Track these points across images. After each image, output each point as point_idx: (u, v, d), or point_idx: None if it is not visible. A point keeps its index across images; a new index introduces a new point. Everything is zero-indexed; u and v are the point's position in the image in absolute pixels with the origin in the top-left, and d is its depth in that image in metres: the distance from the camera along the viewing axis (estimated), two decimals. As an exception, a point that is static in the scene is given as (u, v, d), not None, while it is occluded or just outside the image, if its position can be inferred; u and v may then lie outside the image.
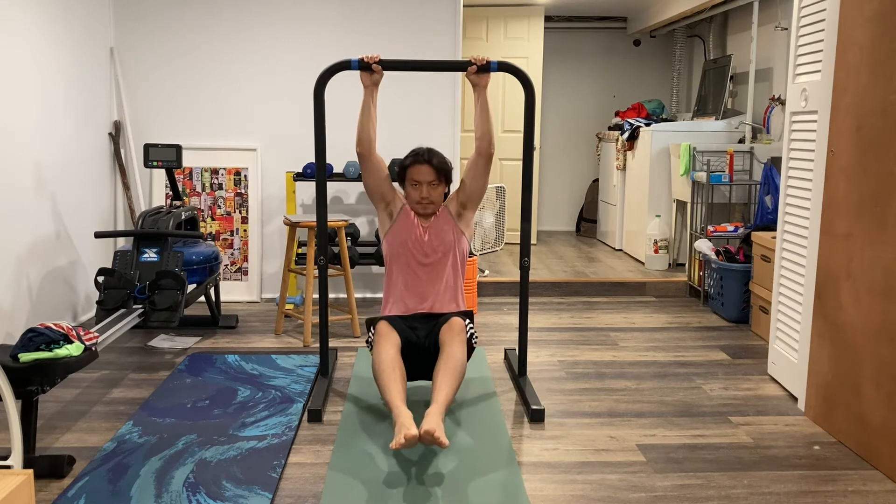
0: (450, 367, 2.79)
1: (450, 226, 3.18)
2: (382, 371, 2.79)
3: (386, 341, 2.91)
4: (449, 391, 2.72)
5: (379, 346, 2.90)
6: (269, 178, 5.01)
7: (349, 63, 3.12)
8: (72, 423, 2.97)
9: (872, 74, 2.71)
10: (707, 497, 2.44)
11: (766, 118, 5.39)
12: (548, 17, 7.13)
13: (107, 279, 3.59)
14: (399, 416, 2.54)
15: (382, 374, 2.78)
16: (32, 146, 3.89)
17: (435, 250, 3.15)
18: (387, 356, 2.84)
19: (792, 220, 3.39)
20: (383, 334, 2.94)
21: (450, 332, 2.94)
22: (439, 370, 2.80)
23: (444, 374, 2.77)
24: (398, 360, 2.85)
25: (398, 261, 3.17)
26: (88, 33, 4.52)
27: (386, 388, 2.73)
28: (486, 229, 5.46)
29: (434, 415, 2.55)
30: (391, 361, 2.82)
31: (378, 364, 2.83)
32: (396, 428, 2.50)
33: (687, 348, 4.03)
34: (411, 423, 2.48)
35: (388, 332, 2.96)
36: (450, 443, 2.78)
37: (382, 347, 2.88)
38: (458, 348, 2.87)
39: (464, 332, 2.96)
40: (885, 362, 2.62)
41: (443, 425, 2.53)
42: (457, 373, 2.79)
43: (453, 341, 2.89)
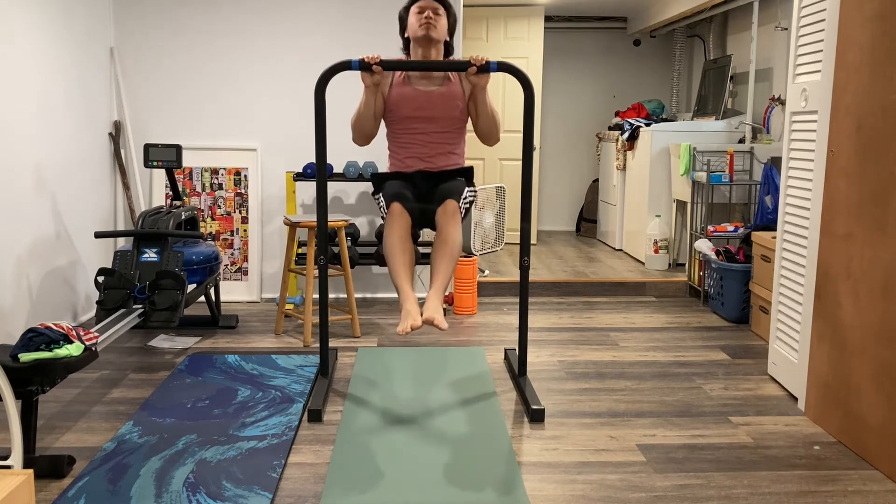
0: (445, 251, 2.95)
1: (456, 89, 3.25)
2: (392, 254, 2.94)
3: (397, 223, 3.03)
4: (446, 274, 2.91)
5: (390, 228, 3.02)
6: (269, 178, 5.01)
7: (350, 63, 3.12)
8: (72, 423, 2.97)
9: (872, 74, 2.71)
10: (707, 497, 2.44)
11: (766, 118, 5.39)
12: (548, 17, 7.13)
13: (107, 279, 3.59)
14: (405, 301, 2.77)
15: (392, 256, 2.94)
16: (32, 146, 3.89)
17: (432, 105, 3.22)
18: (397, 238, 2.98)
19: (792, 220, 3.39)
20: (394, 215, 3.05)
21: (444, 216, 3.05)
22: (436, 255, 2.96)
23: (441, 259, 2.94)
24: (408, 243, 3.00)
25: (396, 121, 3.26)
26: (88, 33, 4.52)
27: (394, 271, 2.91)
28: (486, 229, 5.46)
29: (433, 300, 2.78)
30: (400, 244, 2.97)
31: (388, 247, 2.97)
32: (403, 314, 2.73)
33: (687, 348, 4.03)
34: (416, 312, 2.71)
35: (399, 212, 3.07)
36: (450, 448, 2.79)
37: (393, 230, 3.00)
38: (454, 231, 3.00)
39: (458, 213, 3.07)
40: (885, 362, 2.62)
41: (441, 310, 2.76)
42: (453, 256, 2.96)
43: (447, 224, 3.02)
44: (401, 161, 3.30)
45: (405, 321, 2.69)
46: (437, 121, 3.23)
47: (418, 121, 3.23)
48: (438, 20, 3.21)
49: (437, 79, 3.26)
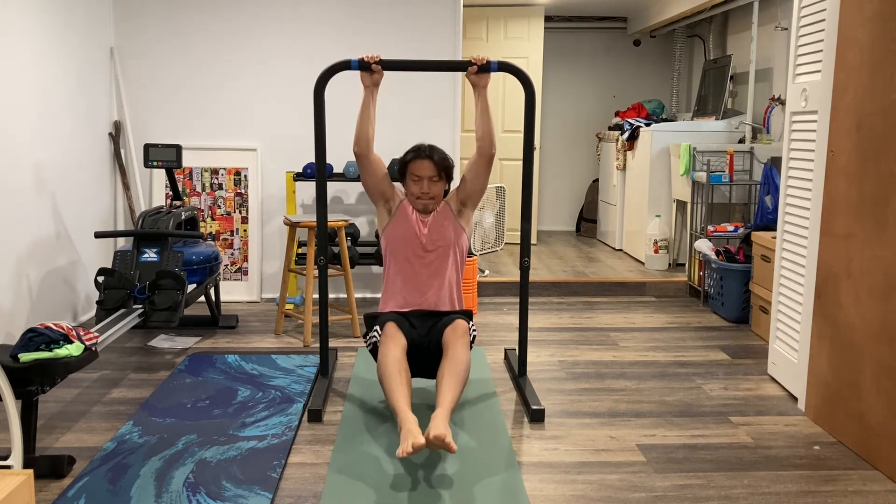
0: (454, 370, 2.77)
1: (449, 221, 3.18)
2: (389, 375, 2.74)
3: (393, 343, 2.87)
4: (454, 394, 2.69)
5: (385, 348, 2.85)
6: (269, 178, 5.01)
7: (349, 63, 3.12)
8: (72, 423, 2.97)
9: (872, 74, 2.71)
10: (707, 497, 2.44)
11: (766, 118, 5.39)
12: (548, 17, 7.13)
13: (107, 279, 3.59)
14: (405, 423, 2.49)
15: (389, 377, 2.74)
16: (32, 146, 3.89)
17: (434, 245, 3.14)
18: (393, 359, 2.79)
19: (792, 220, 3.39)
20: (390, 335, 2.91)
21: (454, 334, 2.92)
22: (444, 373, 2.76)
23: (450, 378, 2.74)
24: (404, 364, 2.81)
25: (397, 255, 3.16)
26: (88, 33, 4.52)
27: (391, 393, 2.68)
28: (486, 229, 5.46)
29: (441, 419, 2.50)
30: (397, 364, 2.78)
31: (384, 367, 2.79)
32: (402, 435, 2.45)
33: (687, 348, 4.03)
34: (418, 431, 2.43)
35: (395, 333, 2.93)
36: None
37: (389, 350, 2.84)
38: (463, 350, 2.84)
39: (467, 335, 2.94)
40: (885, 362, 2.62)
41: (450, 429, 2.48)
42: (462, 376, 2.77)
43: (457, 343, 2.87)
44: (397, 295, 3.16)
45: (406, 441, 2.37)
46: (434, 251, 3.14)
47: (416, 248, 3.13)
48: (435, 188, 3.14)
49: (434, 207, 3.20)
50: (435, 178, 3.14)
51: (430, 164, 3.13)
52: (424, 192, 3.13)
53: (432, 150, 3.16)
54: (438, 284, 3.15)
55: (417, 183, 3.14)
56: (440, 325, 3.03)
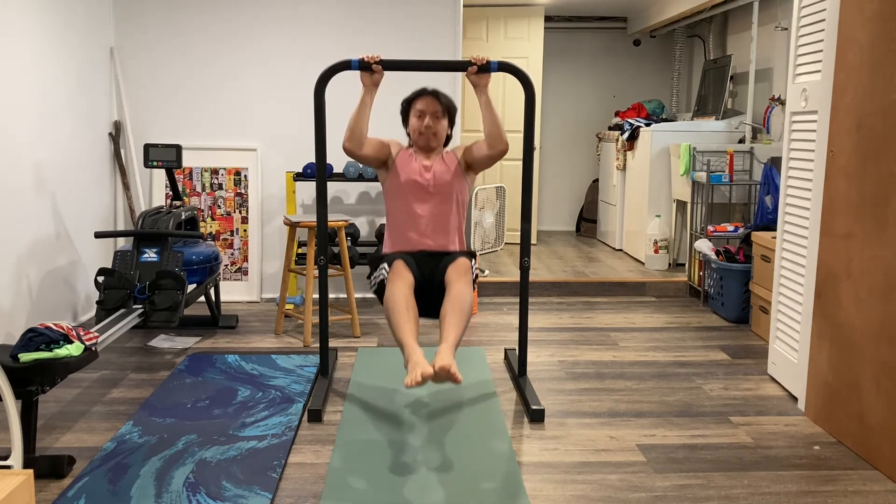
0: (458, 307, 2.82)
1: (453, 167, 3.21)
2: (397, 310, 2.79)
3: (401, 280, 2.92)
4: (458, 330, 2.73)
5: (393, 285, 2.90)
6: (269, 178, 5.01)
7: (349, 63, 3.12)
8: (72, 423, 2.97)
9: (872, 74, 2.71)
10: (707, 497, 2.44)
11: (766, 118, 5.39)
12: (548, 17, 7.13)
13: (107, 279, 3.59)
14: (412, 355, 2.55)
15: (396, 312, 2.78)
16: (32, 146, 3.89)
17: (436, 187, 3.17)
18: (401, 295, 2.84)
19: (792, 220, 3.39)
20: (398, 273, 2.95)
21: (456, 272, 2.97)
22: (448, 310, 2.82)
23: (453, 315, 2.79)
24: (411, 300, 2.86)
25: (399, 199, 3.20)
26: (88, 33, 4.52)
27: (399, 328, 2.73)
28: (486, 229, 5.46)
29: (446, 351, 2.55)
30: (405, 300, 2.83)
31: (392, 303, 2.83)
32: (410, 366, 2.50)
33: (687, 348, 4.03)
34: (425, 362, 2.47)
35: (403, 270, 2.97)
36: (450, 449, 2.79)
37: (396, 286, 2.89)
38: (465, 288, 2.90)
39: (470, 272, 3.00)
40: (885, 362, 2.62)
41: (455, 362, 2.50)
42: (465, 312, 2.82)
43: (460, 280, 2.92)
44: (399, 237, 3.20)
45: (414, 371, 2.42)
46: (436, 194, 3.17)
47: (417, 190, 3.17)
48: (438, 125, 3.18)
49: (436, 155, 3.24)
50: (439, 113, 3.18)
51: (435, 101, 3.18)
52: (428, 125, 3.16)
53: (436, 91, 3.21)
54: (440, 227, 3.19)
55: (420, 118, 3.18)
56: (443, 264, 3.07)
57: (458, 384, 2.49)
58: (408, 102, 3.25)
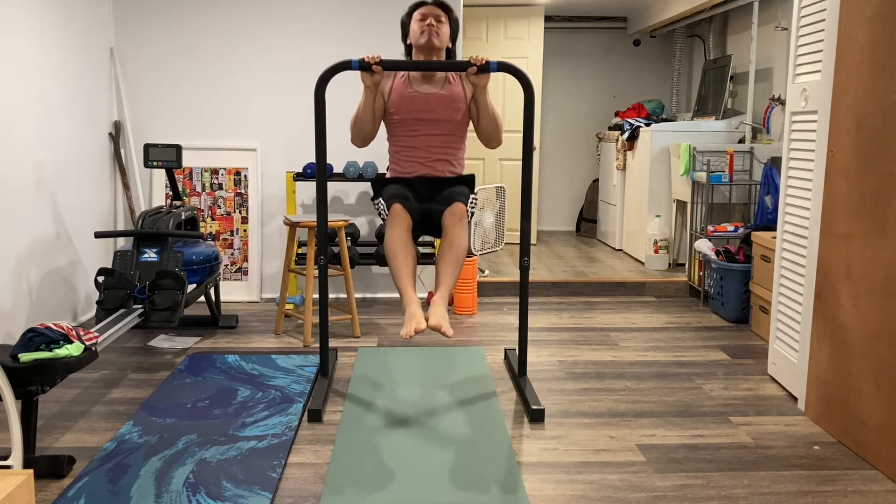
0: (452, 256, 2.93)
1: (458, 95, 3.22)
2: (395, 255, 2.90)
3: (398, 224, 3.00)
4: (452, 279, 2.88)
5: (391, 230, 2.98)
6: (269, 178, 5.01)
7: (350, 63, 3.12)
8: (72, 423, 2.97)
9: (872, 74, 2.71)
10: (707, 497, 2.44)
11: (766, 118, 5.39)
12: (548, 17, 7.13)
13: (107, 279, 3.59)
14: (409, 305, 2.72)
15: (394, 258, 2.90)
16: (32, 146, 3.89)
17: (437, 113, 3.20)
18: (399, 240, 2.94)
19: (792, 220, 3.39)
20: (395, 217, 3.03)
21: (451, 218, 3.03)
22: (442, 258, 2.93)
23: (446, 264, 2.91)
24: (410, 245, 2.96)
25: (399, 128, 3.24)
26: (88, 33, 4.52)
27: (396, 274, 2.87)
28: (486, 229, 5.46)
29: (438, 304, 2.74)
30: (403, 245, 2.93)
31: (390, 248, 2.93)
32: (406, 317, 2.68)
33: (687, 348, 4.03)
34: (420, 315, 2.66)
35: (401, 214, 3.04)
36: (450, 449, 2.79)
37: (394, 231, 2.97)
38: (460, 234, 2.98)
39: (465, 216, 3.06)
40: (885, 362, 2.62)
41: (447, 316, 2.75)
42: (459, 260, 2.93)
43: (454, 228, 2.99)
44: (401, 166, 3.28)
45: (409, 324, 2.64)
46: (438, 123, 3.21)
47: (419, 123, 3.21)
48: (440, 27, 3.21)
49: (439, 81, 3.25)
50: (441, 16, 3.21)
51: (437, 7, 3.22)
52: (430, 23, 3.18)
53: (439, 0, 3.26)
54: (441, 154, 3.24)
55: (422, 20, 3.20)
56: (442, 196, 3.14)
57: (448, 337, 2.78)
58: (407, 15, 3.27)
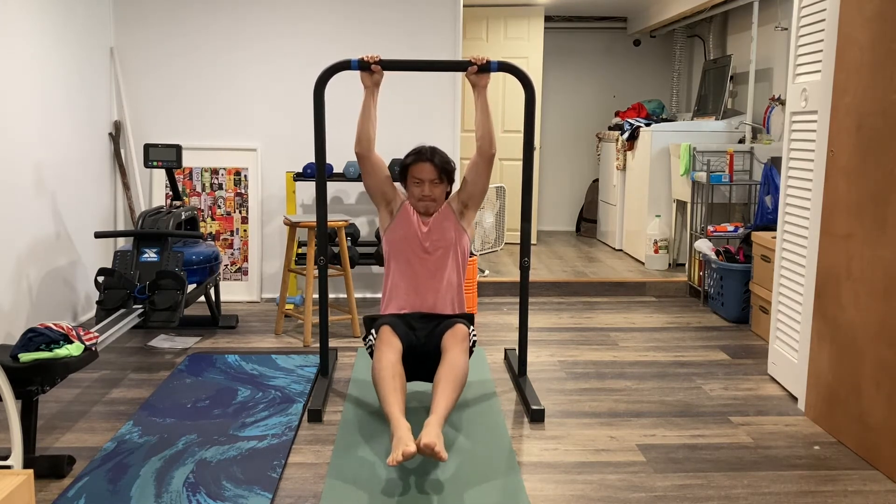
0: (451, 376, 2.74)
1: (451, 223, 3.16)
2: (383, 379, 2.73)
3: (388, 347, 2.85)
4: (450, 401, 2.66)
5: (380, 353, 2.84)
6: (269, 178, 5.01)
7: (349, 63, 3.12)
8: (72, 423, 2.97)
9: (872, 74, 2.71)
10: (707, 497, 2.44)
11: (766, 118, 5.39)
12: (548, 17, 7.13)
13: (107, 279, 3.59)
14: (397, 430, 2.47)
15: (383, 381, 2.72)
16: (32, 146, 3.89)
17: (435, 246, 3.13)
18: (388, 363, 2.78)
19: (792, 220, 3.39)
20: (385, 340, 2.89)
21: (453, 339, 2.90)
22: (441, 379, 2.74)
23: (446, 384, 2.71)
24: (399, 368, 2.79)
25: (398, 257, 3.15)
26: (88, 33, 4.52)
27: (385, 399, 2.67)
28: (486, 229, 5.46)
29: (433, 426, 2.49)
30: (392, 369, 2.76)
31: (378, 371, 2.77)
32: (394, 442, 2.43)
33: (687, 348, 4.03)
34: (409, 439, 2.40)
35: (391, 337, 2.90)
36: (449, 449, 2.79)
37: (384, 354, 2.82)
38: (461, 356, 2.82)
39: (467, 340, 2.93)
40: (885, 362, 2.62)
41: (442, 437, 2.47)
42: (458, 382, 2.74)
43: (456, 348, 2.85)
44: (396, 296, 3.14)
45: (397, 449, 2.36)
46: (434, 252, 3.12)
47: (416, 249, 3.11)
48: (437, 190, 3.12)
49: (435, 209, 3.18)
50: (436, 180, 3.11)
51: (432, 167, 3.10)
52: (426, 194, 3.11)
53: (433, 153, 3.13)
54: (439, 286, 3.13)
55: (419, 186, 3.12)
56: (440, 328, 3.01)
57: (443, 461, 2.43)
58: (404, 167, 3.16)
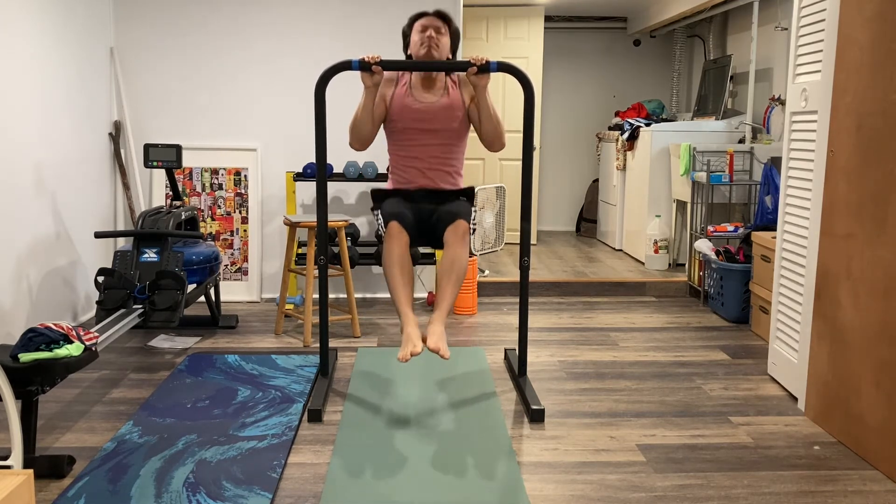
0: (454, 275, 2.93)
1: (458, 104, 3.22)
2: (392, 274, 2.93)
3: (396, 242, 3.01)
4: (452, 297, 2.90)
5: (389, 247, 3.01)
6: (269, 178, 5.01)
7: (350, 63, 3.12)
8: (72, 423, 2.97)
9: (872, 74, 2.71)
10: (707, 497, 2.44)
11: (766, 118, 5.39)
12: (548, 17, 7.13)
13: (107, 279, 3.59)
14: (406, 325, 2.75)
15: (392, 276, 2.92)
16: (32, 146, 3.89)
17: (437, 123, 3.20)
18: (397, 258, 2.96)
19: (792, 220, 3.39)
20: (393, 235, 3.04)
21: (454, 235, 3.03)
22: (443, 275, 2.93)
23: (448, 282, 2.91)
24: (406, 262, 2.97)
25: (398, 137, 3.24)
26: (88, 33, 4.52)
27: (394, 292, 2.89)
28: (486, 229, 5.46)
29: (437, 324, 2.77)
30: (400, 263, 2.95)
31: (387, 265, 2.96)
32: (403, 339, 2.71)
33: (687, 348, 4.03)
34: (417, 337, 2.69)
35: (398, 232, 3.05)
36: (450, 449, 2.79)
37: (392, 248, 2.99)
38: (462, 251, 2.99)
39: (468, 234, 3.07)
40: (885, 362, 2.62)
41: (444, 336, 2.76)
42: (459, 279, 2.93)
43: (457, 244, 3.00)
44: (401, 176, 3.28)
45: (406, 347, 2.67)
46: (437, 133, 3.21)
47: (419, 133, 3.21)
48: (440, 39, 3.20)
49: (439, 90, 3.25)
50: (441, 28, 3.20)
51: (437, 19, 3.22)
52: (430, 35, 3.18)
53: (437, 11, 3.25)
54: (440, 165, 3.24)
55: (422, 31, 3.20)
56: (443, 211, 3.14)
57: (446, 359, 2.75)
58: (409, 26, 3.27)
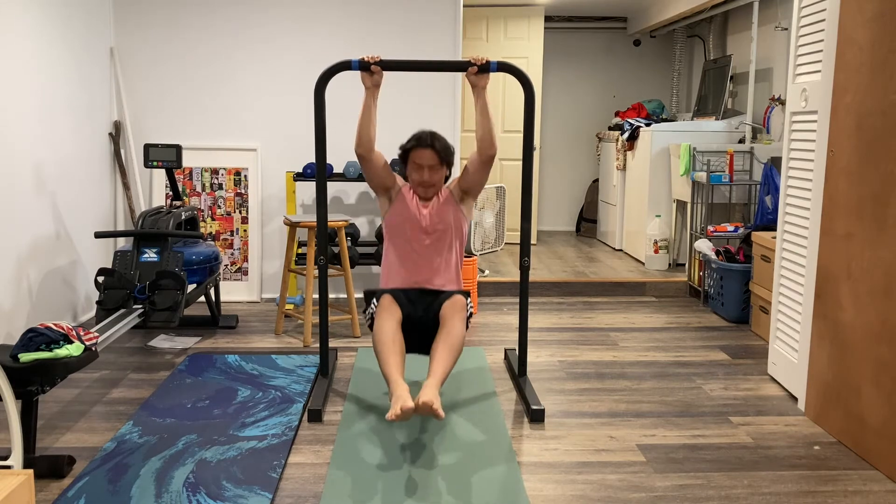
0: (449, 342, 2.86)
1: (451, 207, 3.21)
2: (383, 343, 2.85)
3: (388, 314, 2.97)
4: (447, 365, 2.78)
5: (381, 319, 2.95)
6: (269, 178, 5.01)
7: (349, 63, 3.12)
8: (72, 423, 2.97)
9: (872, 74, 2.71)
10: (707, 497, 2.44)
11: (766, 118, 5.39)
12: (548, 17, 7.13)
13: (107, 279, 3.59)
14: (396, 389, 2.61)
15: (383, 346, 2.84)
16: (32, 146, 3.89)
17: (434, 227, 3.18)
18: (388, 329, 2.90)
19: (792, 220, 3.39)
20: (385, 307, 3.00)
21: (452, 308, 3.00)
22: (439, 344, 2.86)
23: (444, 349, 2.84)
24: (398, 334, 2.91)
25: (397, 238, 3.20)
26: (88, 33, 4.52)
27: (385, 361, 2.79)
28: (486, 229, 5.46)
29: (431, 387, 2.62)
30: (392, 334, 2.88)
31: (379, 337, 2.89)
32: (393, 400, 2.56)
33: (687, 348, 4.03)
34: (408, 396, 2.53)
35: (391, 305, 3.02)
36: (450, 449, 2.79)
37: (384, 320, 2.94)
38: (459, 324, 2.94)
39: (465, 310, 3.03)
40: (885, 362, 2.62)
41: (439, 397, 2.59)
42: (456, 348, 2.87)
43: (454, 317, 2.96)
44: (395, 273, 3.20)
45: (396, 405, 2.49)
46: (433, 233, 3.17)
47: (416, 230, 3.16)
48: (436, 175, 3.17)
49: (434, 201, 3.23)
50: (435, 166, 3.17)
51: (431, 153, 3.15)
52: (425, 179, 3.16)
53: (433, 138, 3.18)
54: (437, 266, 3.19)
55: (418, 171, 3.17)
56: (438, 301, 3.10)
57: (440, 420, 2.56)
58: (405, 152, 3.21)
